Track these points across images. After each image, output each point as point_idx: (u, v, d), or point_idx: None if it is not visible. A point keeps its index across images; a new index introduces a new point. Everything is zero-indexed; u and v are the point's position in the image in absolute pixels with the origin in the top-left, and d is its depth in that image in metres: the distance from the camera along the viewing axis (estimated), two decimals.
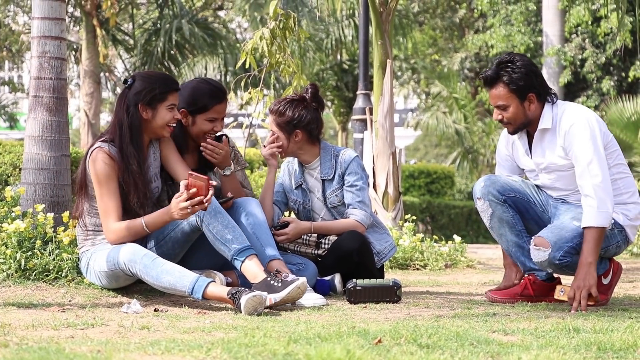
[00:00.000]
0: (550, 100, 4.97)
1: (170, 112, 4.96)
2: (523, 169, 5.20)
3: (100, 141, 4.91)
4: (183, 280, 4.58)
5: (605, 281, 5.05)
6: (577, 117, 4.88)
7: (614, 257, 5.16)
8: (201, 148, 5.21)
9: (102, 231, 4.92)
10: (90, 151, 4.89)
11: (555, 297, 4.99)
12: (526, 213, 5.09)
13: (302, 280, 4.64)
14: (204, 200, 4.63)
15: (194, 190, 4.62)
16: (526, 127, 5.02)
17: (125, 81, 5.00)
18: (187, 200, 4.63)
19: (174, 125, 5.00)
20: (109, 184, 4.82)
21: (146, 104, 4.91)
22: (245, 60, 7.22)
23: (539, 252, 4.85)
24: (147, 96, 4.90)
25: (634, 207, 5.01)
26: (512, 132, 5.06)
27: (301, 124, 5.50)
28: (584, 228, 4.78)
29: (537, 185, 5.16)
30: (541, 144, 5.00)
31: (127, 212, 4.87)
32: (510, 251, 5.13)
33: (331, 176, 5.55)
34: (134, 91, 4.92)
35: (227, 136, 5.45)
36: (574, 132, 4.85)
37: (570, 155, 4.88)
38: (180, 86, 5.14)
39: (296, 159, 5.67)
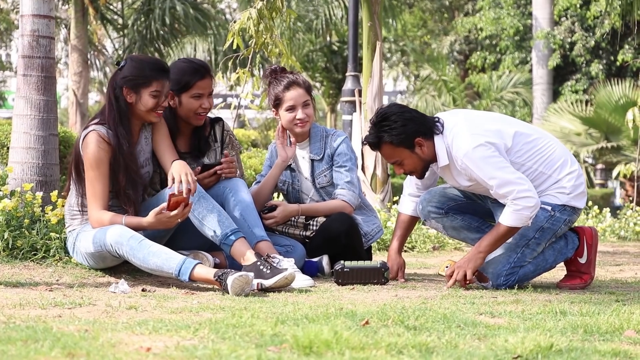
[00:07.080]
0: (437, 131, 4.85)
1: (154, 99, 4.91)
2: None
3: (94, 124, 4.90)
4: (170, 262, 4.57)
5: (582, 260, 5.03)
6: (463, 150, 4.74)
7: (584, 225, 5.09)
8: (218, 172, 5.17)
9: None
10: (84, 134, 4.88)
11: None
12: (475, 212, 5.08)
13: (291, 270, 4.63)
14: (185, 209, 4.70)
15: (177, 208, 4.67)
16: (430, 165, 4.95)
17: (118, 63, 5.00)
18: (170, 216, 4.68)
19: (161, 111, 4.98)
20: (100, 167, 4.80)
21: (130, 87, 4.88)
22: (232, 41, 7.20)
23: (485, 286, 4.93)
24: (132, 81, 4.88)
25: (568, 179, 4.90)
26: (420, 177, 5.04)
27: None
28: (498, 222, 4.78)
29: None
30: (449, 174, 4.93)
31: (118, 195, 4.87)
32: None
33: (320, 156, 5.54)
34: (121, 74, 4.91)
35: (222, 120, 5.44)
36: (467, 165, 4.75)
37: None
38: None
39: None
